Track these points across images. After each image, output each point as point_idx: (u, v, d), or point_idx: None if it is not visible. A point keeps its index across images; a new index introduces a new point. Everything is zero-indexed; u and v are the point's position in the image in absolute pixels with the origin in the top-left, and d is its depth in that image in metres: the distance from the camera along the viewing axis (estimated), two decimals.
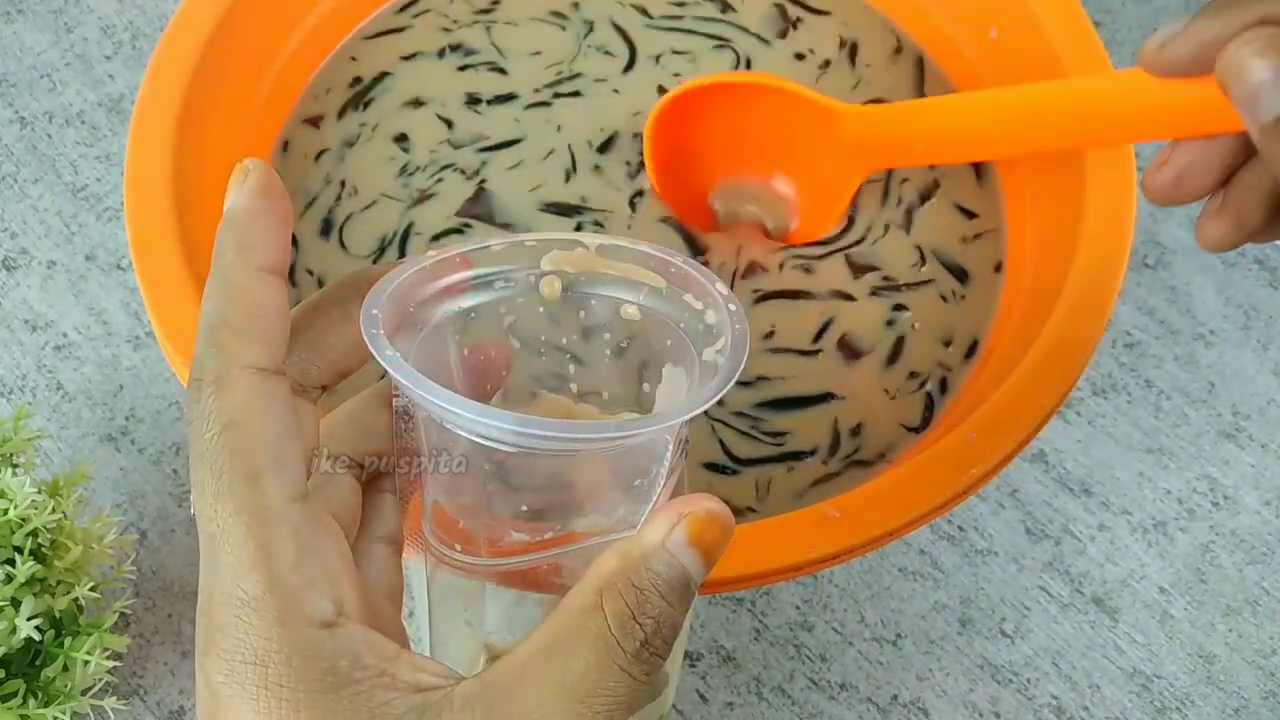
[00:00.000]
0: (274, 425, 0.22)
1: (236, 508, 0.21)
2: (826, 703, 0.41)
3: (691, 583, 0.23)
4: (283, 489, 0.22)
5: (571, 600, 0.22)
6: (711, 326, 0.27)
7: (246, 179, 0.25)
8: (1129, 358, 0.48)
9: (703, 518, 0.23)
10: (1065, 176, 0.41)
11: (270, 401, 0.23)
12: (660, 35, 0.49)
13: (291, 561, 0.22)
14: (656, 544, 0.23)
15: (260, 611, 0.21)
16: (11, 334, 0.49)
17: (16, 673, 0.36)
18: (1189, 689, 0.42)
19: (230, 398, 0.22)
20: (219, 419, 0.22)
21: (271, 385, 0.23)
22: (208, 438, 0.22)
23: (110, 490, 0.45)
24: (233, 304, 0.23)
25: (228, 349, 0.23)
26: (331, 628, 0.22)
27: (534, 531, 0.26)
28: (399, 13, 0.50)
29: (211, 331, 0.23)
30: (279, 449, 0.22)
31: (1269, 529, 0.44)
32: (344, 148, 0.47)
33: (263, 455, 0.22)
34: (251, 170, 0.25)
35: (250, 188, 0.24)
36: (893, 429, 0.41)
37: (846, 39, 0.49)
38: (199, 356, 0.23)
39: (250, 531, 0.21)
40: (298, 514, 0.22)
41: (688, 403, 0.24)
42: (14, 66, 0.55)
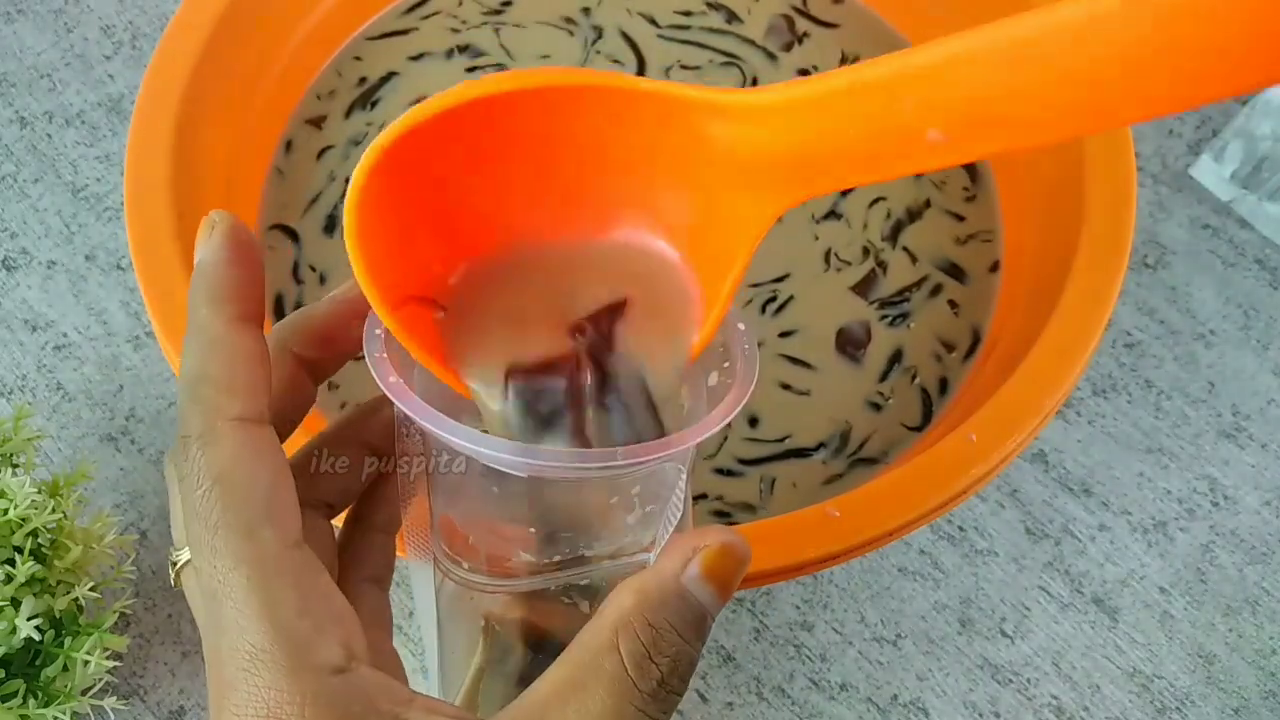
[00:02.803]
0: (265, 475, 0.22)
1: (235, 561, 0.21)
2: (826, 703, 0.41)
3: (708, 617, 0.22)
4: (279, 538, 0.22)
5: (587, 638, 0.22)
6: (718, 345, 0.26)
7: (213, 231, 0.24)
8: (1129, 358, 0.48)
9: (717, 550, 0.22)
10: (1064, 175, 0.41)
11: (258, 452, 0.22)
12: (669, 46, 0.49)
13: (296, 610, 0.21)
14: (671, 580, 0.22)
15: (269, 663, 0.21)
16: (11, 334, 0.49)
17: (16, 673, 0.36)
18: (1189, 689, 0.41)
19: (218, 452, 0.22)
20: (209, 474, 0.22)
21: (258, 435, 0.23)
22: (199, 494, 0.22)
23: (110, 490, 0.45)
24: (212, 357, 0.23)
25: (211, 403, 0.22)
26: (343, 673, 0.21)
27: (543, 553, 0.26)
28: (406, 14, 0.50)
29: (192, 386, 0.23)
30: (272, 498, 0.22)
31: (1269, 529, 0.44)
32: (350, 146, 0.47)
33: (257, 506, 0.22)
34: (218, 222, 0.24)
35: (218, 239, 0.24)
36: (893, 428, 0.41)
37: (849, 54, 0.49)
38: (182, 413, 0.23)
39: (251, 583, 0.21)
40: (297, 561, 0.22)
41: (698, 428, 0.24)
42: (14, 66, 0.55)
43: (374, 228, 0.23)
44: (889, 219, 0.45)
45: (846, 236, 0.45)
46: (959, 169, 0.46)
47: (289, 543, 0.22)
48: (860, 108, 0.20)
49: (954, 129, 0.19)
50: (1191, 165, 0.51)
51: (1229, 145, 0.50)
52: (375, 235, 0.23)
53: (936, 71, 0.19)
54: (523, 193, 0.25)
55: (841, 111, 0.20)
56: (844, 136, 0.21)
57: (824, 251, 0.45)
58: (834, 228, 0.45)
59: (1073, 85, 0.17)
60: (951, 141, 0.20)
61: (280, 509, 0.22)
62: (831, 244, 0.45)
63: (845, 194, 0.46)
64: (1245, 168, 0.49)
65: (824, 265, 0.44)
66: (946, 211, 0.46)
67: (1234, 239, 0.50)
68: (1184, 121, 0.53)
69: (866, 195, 0.46)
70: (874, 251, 0.45)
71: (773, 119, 0.22)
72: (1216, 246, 0.50)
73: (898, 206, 0.46)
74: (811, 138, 0.21)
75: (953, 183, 0.46)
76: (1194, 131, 0.53)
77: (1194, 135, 0.53)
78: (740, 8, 0.51)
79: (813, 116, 0.21)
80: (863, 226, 0.45)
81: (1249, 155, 0.49)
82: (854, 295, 0.44)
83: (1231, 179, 0.50)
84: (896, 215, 0.46)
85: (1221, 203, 0.51)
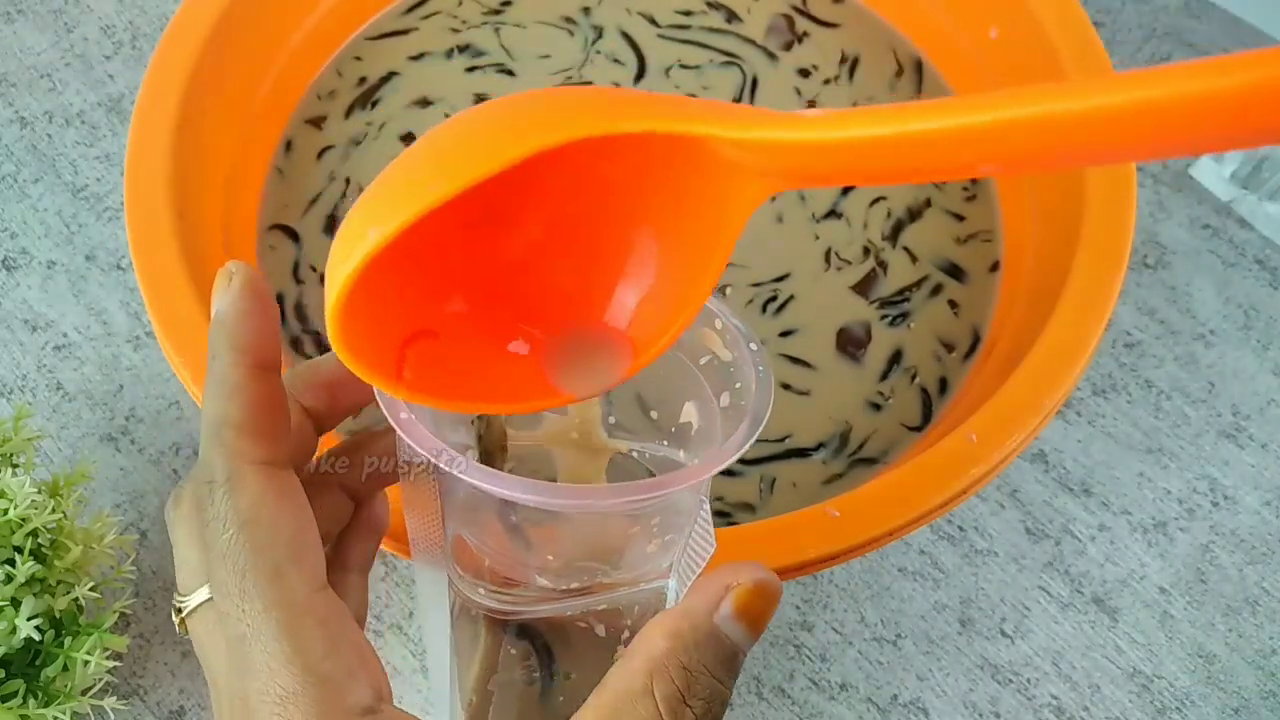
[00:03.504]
0: (290, 519, 0.23)
1: (265, 605, 0.22)
2: (826, 703, 0.41)
3: (740, 655, 0.22)
4: (306, 581, 0.22)
5: (619, 682, 0.22)
6: (728, 364, 0.26)
7: (231, 281, 0.25)
8: (1129, 358, 0.48)
9: (750, 589, 0.22)
10: (1064, 175, 0.41)
11: (283, 495, 0.23)
12: (669, 46, 0.49)
13: (324, 653, 0.22)
14: (705, 620, 0.22)
15: (300, 705, 0.21)
16: (11, 334, 0.49)
17: (16, 673, 0.36)
18: (1189, 689, 0.41)
19: (245, 496, 0.22)
20: (235, 518, 0.22)
21: (282, 479, 0.23)
22: (226, 538, 0.22)
23: (110, 490, 0.45)
24: (234, 404, 0.23)
25: (235, 448, 0.23)
26: (372, 714, 0.22)
27: (561, 579, 0.26)
28: (406, 14, 0.50)
29: (216, 432, 0.23)
30: (298, 541, 0.23)
31: (1269, 529, 0.44)
32: (350, 146, 0.47)
33: (283, 550, 0.22)
34: (236, 273, 0.25)
35: (236, 290, 0.25)
36: (893, 428, 0.41)
37: (849, 54, 0.49)
38: (206, 459, 0.23)
39: (281, 627, 0.21)
40: (323, 604, 0.22)
41: (715, 456, 0.23)
42: (14, 66, 0.55)
43: (361, 328, 0.22)
44: (889, 218, 0.45)
45: (847, 236, 0.45)
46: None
47: (316, 586, 0.22)
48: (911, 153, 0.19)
49: (1011, 165, 0.19)
50: (1191, 165, 0.51)
51: None
52: (363, 332, 0.22)
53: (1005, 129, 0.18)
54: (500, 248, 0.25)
55: (888, 152, 0.19)
56: (882, 166, 0.20)
57: (824, 251, 0.45)
58: (834, 227, 0.45)
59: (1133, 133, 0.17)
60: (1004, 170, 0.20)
61: (306, 552, 0.23)
62: (832, 243, 0.45)
63: (845, 193, 0.46)
64: (1245, 168, 0.49)
65: (824, 265, 0.44)
66: (947, 211, 0.46)
67: (1234, 239, 0.50)
68: None
69: (867, 195, 0.46)
70: (874, 251, 0.45)
71: (806, 155, 0.20)
72: (1216, 246, 0.50)
73: (898, 206, 0.46)
74: (844, 167, 0.20)
75: (953, 183, 0.46)
76: None
77: None
78: (740, 7, 0.51)
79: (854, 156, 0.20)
80: (863, 226, 0.45)
81: (1249, 155, 0.49)
82: (854, 295, 0.44)
83: (1231, 179, 0.50)
84: (897, 215, 0.46)
85: (1221, 203, 0.51)
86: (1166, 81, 0.15)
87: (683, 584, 0.25)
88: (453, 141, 0.20)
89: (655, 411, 0.29)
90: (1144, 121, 0.16)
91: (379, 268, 0.20)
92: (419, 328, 0.24)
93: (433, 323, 0.24)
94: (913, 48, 0.50)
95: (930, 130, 0.18)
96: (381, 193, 0.20)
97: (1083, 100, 0.16)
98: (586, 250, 0.25)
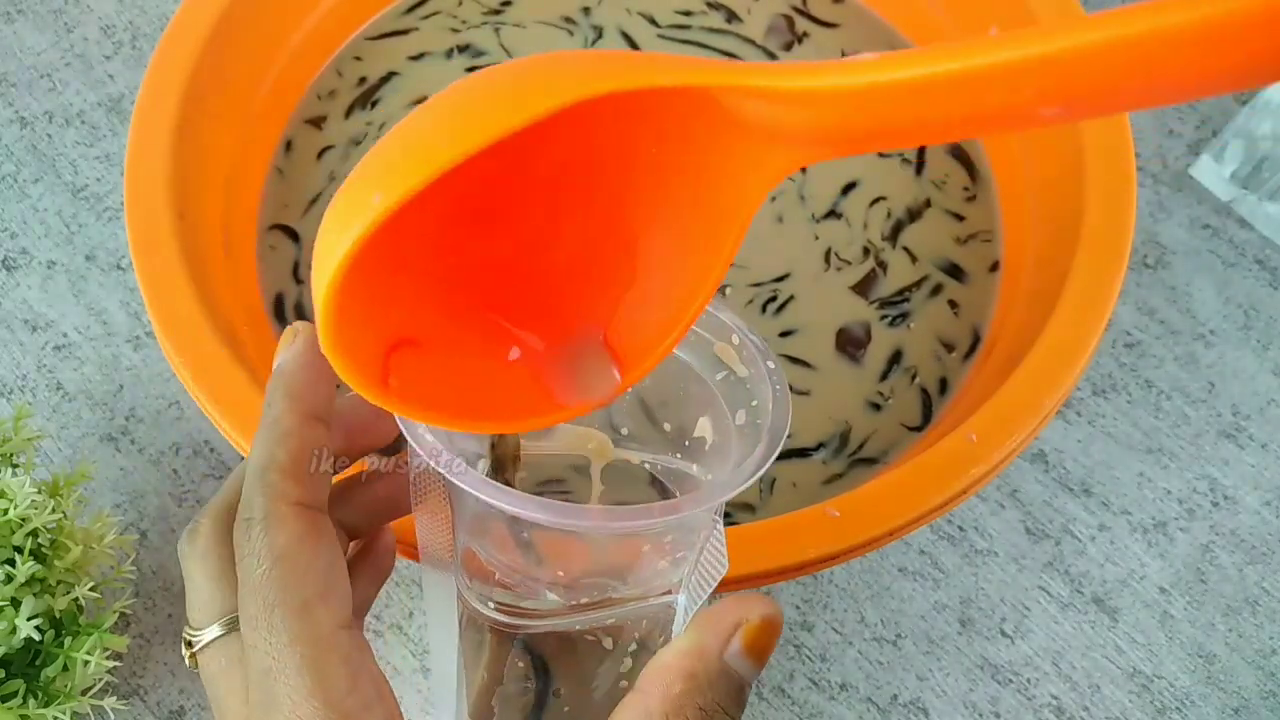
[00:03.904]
0: (323, 557, 0.24)
1: (291, 639, 0.22)
2: (826, 703, 0.41)
3: (747, 687, 0.23)
4: (332, 617, 0.23)
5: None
6: (744, 380, 0.26)
7: (296, 338, 0.26)
8: (1129, 358, 0.48)
9: (759, 626, 0.23)
10: (1064, 175, 0.41)
11: (318, 535, 0.24)
12: (669, 46, 0.49)
13: (346, 688, 0.22)
14: (716, 660, 0.23)
15: None
16: (11, 334, 0.49)
17: (16, 673, 0.36)
18: (1189, 689, 0.41)
19: (281, 534, 0.23)
20: (270, 554, 0.23)
21: (318, 520, 0.24)
22: (259, 573, 0.23)
23: (110, 490, 0.45)
24: (282, 447, 0.24)
25: (277, 488, 0.24)
26: None
27: (571, 594, 0.26)
28: (406, 14, 0.50)
29: (261, 473, 0.24)
30: (328, 579, 0.23)
31: (1269, 529, 0.44)
32: (350, 146, 0.47)
33: (313, 587, 0.23)
34: (301, 331, 0.27)
35: (299, 347, 0.26)
36: (893, 428, 0.41)
37: (849, 54, 0.49)
38: (247, 496, 0.24)
39: (305, 661, 0.22)
40: (347, 641, 0.23)
41: (732, 480, 0.23)
42: (14, 66, 0.55)
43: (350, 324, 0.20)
44: (889, 219, 0.45)
45: (847, 236, 0.45)
46: (959, 168, 0.46)
47: (341, 623, 0.23)
48: (969, 92, 0.17)
49: (1077, 105, 0.17)
50: (1191, 165, 0.51)
51: (1229, 145, 0.50)
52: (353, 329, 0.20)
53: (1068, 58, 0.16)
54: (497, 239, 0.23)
55: (945, 92, 0.17)
56: (934, 112, 0.17)
57: (824, 251, 0.45)
58: (834, 227, 0.45)
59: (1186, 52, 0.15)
60: (1069, 114, 0.17)
61: (334, 590, 0.23)
62: (832, 244, 0.45)
63: (845, 193, 0.46)
64: (1245, 168, 0.49)
65: (824, 265, 0.44)
66: (947, 211, 0.46)
67: (1234, 239, 0.50)
68: (1184, 121, 0.53)
69: (867, 195, 0.46)
70: (874, 251, 0.45)
71: (843, 103, 0.18)
72: (1216, 246, 0.50)
73: (898, 206, 0.46)
74: (882, 119, 0.18)
75: (953, 182, 0.46)
76: (1194, 131, 0.53)
77: (1194, 135, 0.53)
78: (740, 7, 0.51)
79: (901, 100, 0.17)
80: (863, 226, 0.45)
81: (1249, 155, 0.49)
82: (854, 295, 0.44)
83: (1231, 179, 0.50)
84: (897, 215, 0.46)
85: (1221, 203, 0.51)
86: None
87: (693, 600, 0.25)
88: (466, 100, 0.18)
89: (668, 424, 0.28)
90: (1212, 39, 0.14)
91: (371, 253, 0.18)
92: (406, 335, 0.23)
93: (423, 329, 0.23)
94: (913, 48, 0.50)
95: (988, 65, 0.16)
96: (385, 157, 0.18)
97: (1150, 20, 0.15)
98: (588, 241, 0.23)
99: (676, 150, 0.21)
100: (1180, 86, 0.16)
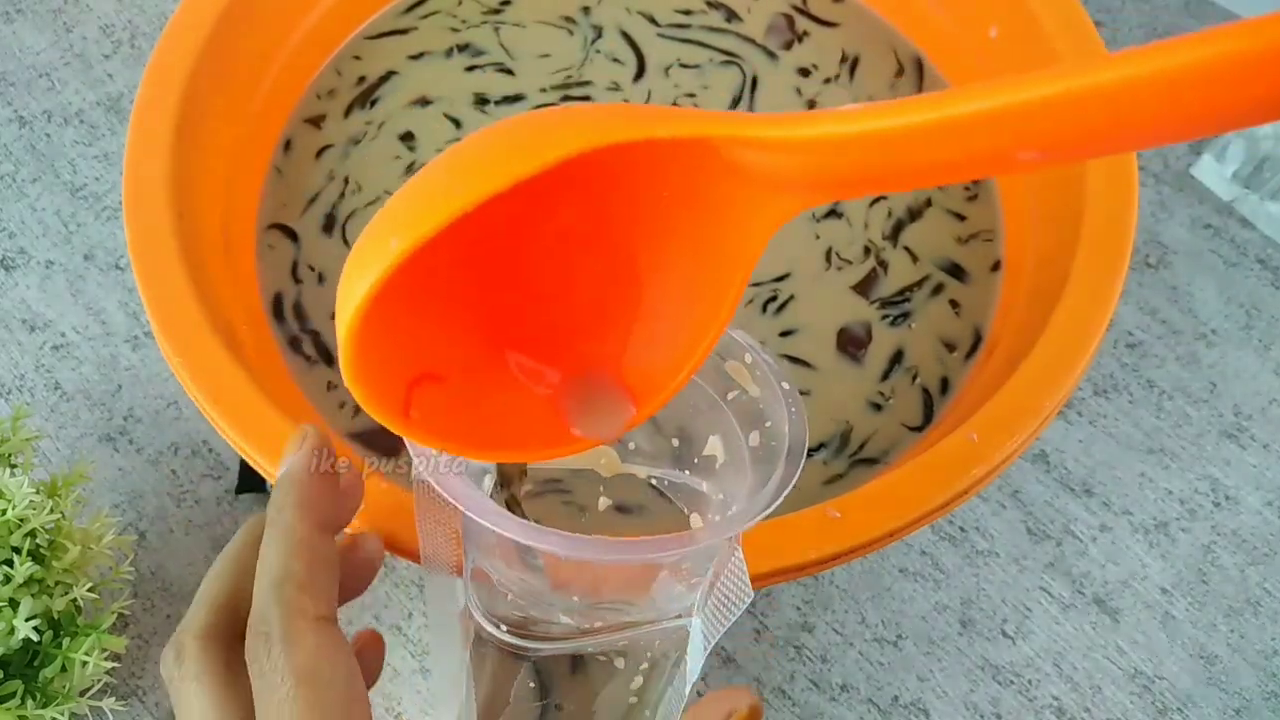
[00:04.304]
0: (343, 672, 0.24)
1: None
2: (827, 704, 0.41)
3: None
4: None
5: None
6: (756, 400, 0.26)
7: (304, 443, 0.26)
8: (1131, 358, 0.48)
9: (747, 715, 0.24)
10: (1066, 175, 0.41)
11: (336, 649, 0.24)
12: (669, 45, 0.49)
13: None
14: None
15: None
16: (10, 334, 0.48)
17: (15, 674, 0.36)
18: (1190, 690, 0.41)
19: (300, 651, 0.23)
20: (292, 673, 0.23)
21: (335, 633, 0.24)
22: (283, 692, 0.23)
23: (108, 490, 0.45)
24: (297, 559, 0.25)
25: (295, 604, 0.24)
26: None
27: (585, 618, 0.26)
28: (405, 13, 0.50)
29: (277, 587, 0.24)
30: (349, 694, 0.24)
31: (1270, 529, 0.44)
32: (349, 145, 0.47)
33: (336, 707, 0.23)
34: (309, 435, 0.27)
35: (307, 451, 0.26)
36: (894, 428, 0.41)
37: (849, 53, 0.49)
38: (263, 611, 0.24)
39: None
40: None
41: (750, 508, 0.24)
42: (13, 65, 0.55)
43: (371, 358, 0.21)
44: (890, 218, 0.45)
45: (847, 235, 0.45)
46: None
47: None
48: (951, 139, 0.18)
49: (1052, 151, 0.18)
50: (1193, 165, 0.51)
51: (1230, 145, 0.49)
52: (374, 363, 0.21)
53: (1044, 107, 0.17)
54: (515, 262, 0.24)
55: (926, 140, 0.18)
56: (918, 159, 0.19)
57: (825, 251, 0.44)
58: (835, 226, 0.45)
59: None
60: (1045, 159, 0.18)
61: (355, 706, 0.24)
62: (832, 243, 0.45)
63: None
64: (1247, 167, 0.49)
65: (825, 264, 0.44)
66: (948, 211, 0.46)
67: (1235, 239, 0.50)
68: None
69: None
70: (875, 251, 0.45)
71: (829, 153, 0.19)
72: (1218, 246, 0.50)
73: (899, 206, 0.46)
74: (869, 166, 0.19)
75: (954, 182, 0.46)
76: None
77: None
78: (740, 6, 0.50)
79: (888, 148, 0.19)
80: (864, 225, 0.45)
81: (1250, 155, 0.49)
82: (855, 295, 0.44)
83: (1233, 178, 0.50)
84: (897, 214, 0.45)
85: (1223, 202, 0.51)
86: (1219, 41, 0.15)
87: (710, 627, 0.25)
88: (476, 152, 0.20)
89: (676, 440, 0.28)
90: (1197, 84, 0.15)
91: (390, 294, 0.19)
92: (427, 369, 0.23)
93: (442, 364, 0.24)
94: (913, 47, 0.49)
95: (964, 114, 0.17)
96: (402, 204, 0.20)
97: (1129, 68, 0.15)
98: (599, 284, 0.24)
99: (681, 198, 0.22)
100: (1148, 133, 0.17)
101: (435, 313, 0.23)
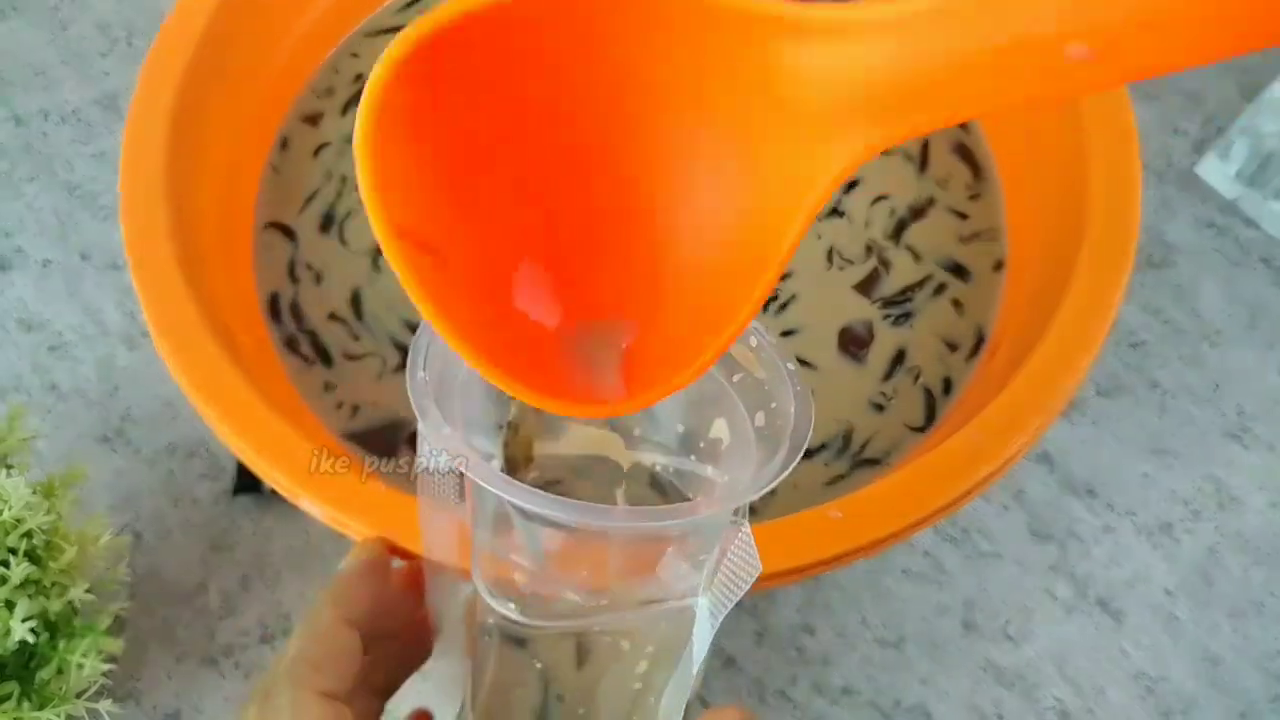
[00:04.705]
0: None
1: None
2: (829, 707, 0.41)
3: None
4: None
5: None
6: (762, 382, 0.26)
7: (363, 550, 0.29)
8: (1134, 358, 0.47)
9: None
10: (1069, 174, 0.40)
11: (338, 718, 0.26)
12: None
13: None
14: None
15: None
16: (6, 334, 0.48)
17: (11, 675, 0.36)
18: (1194, 692, 0.41)
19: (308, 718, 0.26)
20: None
21: (339, 709, 0.26)
22: None
23: (105, 491, 0.45)
24: (316, 644, 0.27)
25: (304, 679, 0.26)
26: None
27: (592, 597, 0.26)
28: (402, 10, 0.50)
29: (291, 664, 0.27)
30: None
31: (1275, 530, 0.44)
32: (346, 144, 0.47)
33: None
34: (373, 544, 0.30)
35: (360, 557, 0.29)
36: (896, 429, 0.41)
37: None
38: (274, 679, 0.26)
39: None
40: None
41: (755, 481, 0.24)
42: (9, 64, 0.55)
43: (388, 143, 0.20)
44: (892, 217, 0.45)
45: (849, 234, 0.45)
46: (963, 166, 0.46)
47: None
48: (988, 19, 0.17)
49: (1101, 41, 0.17)
50: (1197, 164, 0.51)
51: (1234, 143, 0.49)
52: (388, 150, 0.20)
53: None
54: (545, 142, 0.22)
55: (964, 24, 0.17)
56: (960, 56, 0.18)
57: (826, 250, 0.44)
58: (836, 226, 0.45)
59: None
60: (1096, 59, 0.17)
61: None
62: (834, 242, 0.44)
63: (848, 191, 0.46)
64: (1251, 166, 0.49)
65: (826, 264, 0.44)
66: (950, 210, 0.45)
67: (1240, 238, 0.50)
68: (1189, 120, 0.53)
69: (869, 193, 0.46)
70: (877, 250, 0.44)
71: (873, 36, 0.18)
72: (1222, 245, 0.50)
73: (901, 204, 0.45)
74: (921, 60, 0.18)
75: (956, 181, 0.46)
76: (1199, 130, 0.52)
77: (1199, 133, 0.52)
78: None
79: (926, 32, 0.18)
80: (865, 225, 0.45)
81: (1255, 153, 0.49)
82: (857, 294, 0.43)
83: (1237, 177, 0.50)
84: (900, 213, 0.45)
85: (1227, 201, 0.50)
86: None
87: (718, 603, 0.25)
88: None
89: (682, 426, 0.28)
90: None
91: (431, 85, 0.20)
92: (433, 237, 0.22)
93: (449, 239, 0.22)
94: None
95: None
96: None
97: None
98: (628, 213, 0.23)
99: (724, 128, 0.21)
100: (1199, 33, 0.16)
101: (465, 171, 0.22)
